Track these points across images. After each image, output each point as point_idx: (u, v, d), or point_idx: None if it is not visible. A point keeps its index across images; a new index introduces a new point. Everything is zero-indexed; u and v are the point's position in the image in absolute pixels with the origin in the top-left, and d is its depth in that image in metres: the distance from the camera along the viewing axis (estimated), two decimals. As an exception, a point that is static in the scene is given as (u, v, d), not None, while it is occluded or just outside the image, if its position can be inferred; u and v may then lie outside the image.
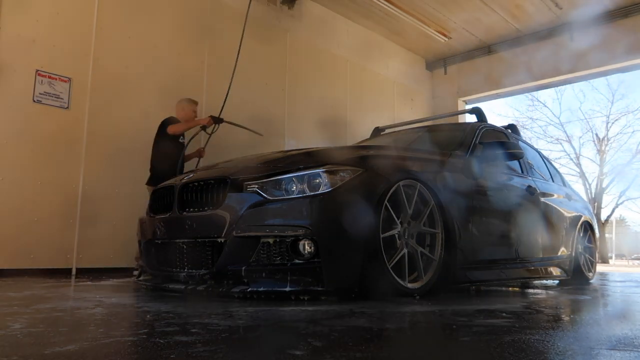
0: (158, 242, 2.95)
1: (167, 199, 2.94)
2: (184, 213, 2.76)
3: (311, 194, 2.44)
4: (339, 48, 7.58)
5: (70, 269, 4.47)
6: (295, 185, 2.48)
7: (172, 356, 1.21)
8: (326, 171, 2.50)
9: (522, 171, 4.09)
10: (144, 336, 1.52)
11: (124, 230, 4.48)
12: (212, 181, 2.70)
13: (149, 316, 1.94)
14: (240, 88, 5.97)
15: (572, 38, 7.64)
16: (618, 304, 3.15)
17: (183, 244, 2.74)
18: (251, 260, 2.43)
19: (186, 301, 2.43)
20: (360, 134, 6.10)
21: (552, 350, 1.39)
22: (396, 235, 2.65)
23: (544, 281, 4.70)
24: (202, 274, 2.59)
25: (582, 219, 4.79)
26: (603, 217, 21.77)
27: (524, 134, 18.30)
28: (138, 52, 5.15)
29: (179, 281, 2.73)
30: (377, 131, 4.90)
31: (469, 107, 7.68)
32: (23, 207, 4.26)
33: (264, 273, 2.42)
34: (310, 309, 2.13)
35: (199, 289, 2.55)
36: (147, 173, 4.51)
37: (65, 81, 4.61)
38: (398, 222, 2.67)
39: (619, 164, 21.71)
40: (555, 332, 1.71)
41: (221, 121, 4.77)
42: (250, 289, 2.40)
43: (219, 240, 2.52)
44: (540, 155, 4.88)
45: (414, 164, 2.95)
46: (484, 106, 6.79)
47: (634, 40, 7.05)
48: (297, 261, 2.39)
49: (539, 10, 7.35)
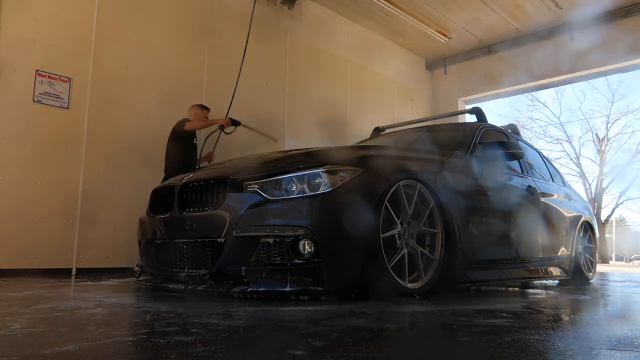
0: (158, 242, 2.95)
1: (167, 199, 2.94)
2: (184, 213, 2.76)
3: (311, 194, 2.44)
4: (339, 48, 7.58)
5: (70, 269, 4.47)
6: (295, 185, 2.48)
7: (172, 356, 1.21)
8: (326, 171, 2.50)
9: (522, 171, 4.09)
10: (144, 336, 1.52)
11: (124, 230, 4.49)
12: (212, 181, 2.70)
13: (149, 316, 1.94)
14: (241, 88, 5.97)
15: (572, 38, 7.64)
16: (618, 304, 3.15)
17: (183, 244, 2.74)
18: (251, 260, 2.44)
19: (186, 301, 2.43)
20: (360, 134, 6.10)
21: (552, 350, 1.39)
22: (396, 235, 2.65)
23: (544, 281, 4.70)
24: (202, 274, 2.59)
25: (582, 219, 4.79)
26: (603, 217, 21.78)
27: (524, 134, 18.26)
28: (138, 52, 5.15)
29: (179, 281, 2.73)
30: (377, 131, 4.90)
31: (469, 107, 7.67)
32: (23, 207, 4.26)
33: (264, 273, 2.42)
34: (310, 309, 2.13)
35: (199, 289, 2.55)
36: (148, 173, 4.52)
37: (65, 81, 4.61)
38: (398, 222, 2.67)
39: (619, 164, 21.73)
40: (555, 332, 1.71)
41: (238, 124, 4.87)
42: (250, 289, 2.40)
43: (219, 240, 2.52)
44: (540, 155, 4.87)
45: (414, 164, 2.95)
46: (484, 106, 6.79)
47: (634, 40, 7.05)
48: (297, 261, 2.39)
49: (539, 10, 7.35)
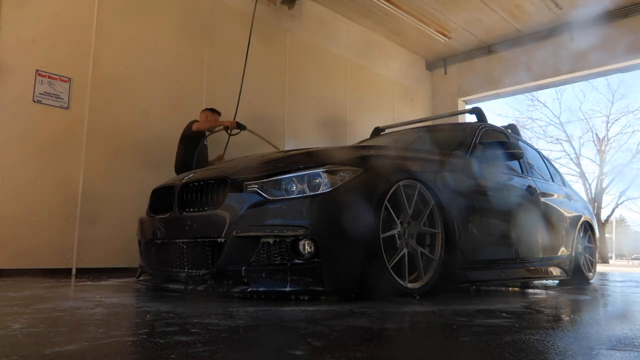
0: (158, 242, 2.95)
1: (167, 199, 2.94)
2: (184, 213, 2.76)
3: (311, 194, 2.44)
4: (339, 48, 7.58)
5: (70, 269, 4.47)
6: (295, 185, 2.48)
7: (172, 356, 1.21)
8: (326, 171, 2.50)
9: (522, 171, 4.09)
10: (144, 336, 1.52)
11: (124, 230, 4.49)
12: (212, 181, 2.70)
13: (149, 316, 1.94)
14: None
15: (572, 38, 7.64)
16: (618, 304, 3.15)
17: (183, 244, 2.74)
18: (251, 260, 2.43)
19: (186, 301, 2.42)
20: (360, 134, 6.10)
21: (552, 350, 1.39)
22: (396, 235, 2.65)
23: (544, 281, 4.69)
24: (202, 274, 2.59)
25: (582, 219, 4.79)
26: (603, 217, 21.77)
27: (524, 134, 18.27)
28: (138, 52, 5.15)
29: (179, 281, 2.73)
30: (377, 131, 4.90)
31: (469, 107, 7.67)
32: (23, 207, 4.26)
33: (264, 273, 2.42)
34: (310, 309, 2.13)
35: (199, 289, 2.55)
36: (148, 173, 4.53)
37: (65, 81, 4.61)
38: (398, 222, 2.67)
39: (619, 164, 21.73)
40: (555, 332, 1.70)
41: (244, 128, 4.99)
42: (250, 289, 2.40)
43: (219, 240, 2.52)
44: (540, 155, 4.87)
45: (414, 164, 2.95)
46: (484, 106, 6.79)
47: (634, 40, 7.05)
48: (297, 261, 2.39)
49: (539, 10, 7.34)
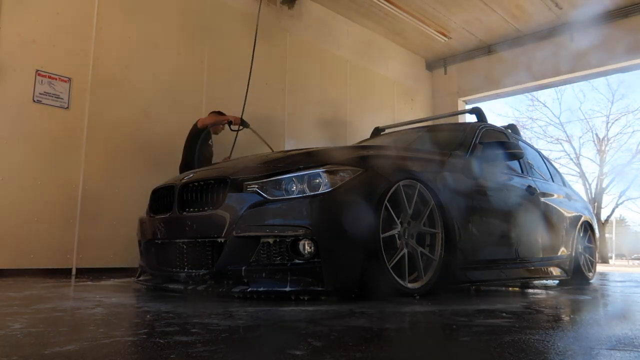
0: (158, 242, 2.95)
1: (167, 199, 2.94)
2: (184, 213, 2.76)
3: (311, 194, 2.44)
4: (339, 48, 7.58)
5: (70, 269, 4.47)
6: (295, 185, 2.48)
7: (172, 356, 1.21)
8: (326, 171, 2.50)
9: (522, 171, 4.09)
10: (144, 336, 1.52)
11: (124, 230, 4.49)
12: (212, 181, 2.70)
13: (149, 316, 1.94)
14: (240, 88, 5.96)
15: (572, 38, 7.64)
16: (618, 304, 3.15)
17: (183, 244, 2.74)
18: (251, 260, 2.43)
19: (186, 301, 2.42)
20: (360, 134, 6.10)
21: (552, 350, 1.39)
22: (396, 235, 2.65)
23: (544, 281, 4.69)
24: (202, 274, 2.59)
25: (582, 219, 4.79)
26: (603, 217, 21.78)
27: (524, 134, 18.29)
28: (138, 52, 5.15)
29: (179, 281, 2.73)
30: (377, 131, 4.90)
31: (469, 107, 7.67)
32: (23, 207, 4.26)
33: (264, 273, 2.42)
34: (310, 309, 2.13)
35: (199, 289, 2.55)
36: (148, 173, 4.53)
37: (65, 81, 4.61)
38: (398, 222, 2.67)
39: (619, 164, 21.74)
40: (555, 332, 1.70)
41: (247, 125, 5.10)
42: (250, 289, 2.40)
43: (219, 240, 2.52)
44: (540, 155, 4.88)
45: (414, 164, 2.95)
46: (484, 106, 6.79)
47: (634, 40, 7.04)
48: (297, 261, 2.39)
49: (539, 10, 7.34)
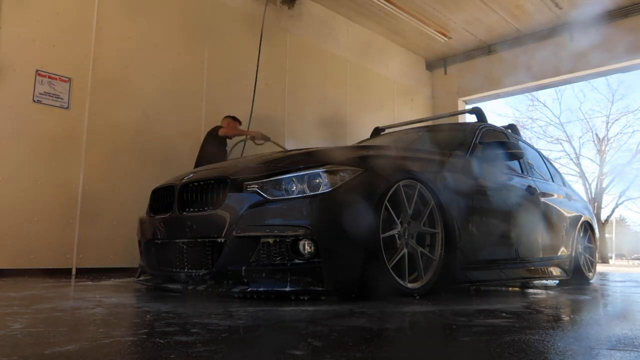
0: (158, 242, 2.95)
1: (167, 199, 2.94)
2: (184, 213, 2.76)
3: (311, 194, 2.44)
4: (339, 48, 7.58)
5: (70, 269, 4.47)
6: (295, 185, 2.48)
7: (172, 356, 1.21)
8: (326, 171, 2.50)
9: (522, 171, 4.09)
10: (144, 336, 1.52)
11: (124, 230, 4.49)
12: (212, 181, 2.70)
13: (149, 316, 1.94)
14: (241, 88, 5.98)
15: (572, 38, 7.64)
16: (618, 304, 3.15)
17: (183, 244, 2.74)
18: (251, 260, 2.43)
19: (186, 301, 2.42)
20: (360, 134, 6.10)
21: (552, 350, 1.38)
22: (396, 235, 2.65)
23: (544, 281, 4.69)
24: (202, 274, 2.59)
25: (582, 219, 4.79)
26: (603, 217, 21.79)
27: (524, 134, 18.29)
28: (138, 52, 5.15)
29: (179, 281, 2.73)
30: (377, 131, 4.90)
31: (469, 107, 7.67)
32: (23, 207, 4.26)
33: (264, 273, 2.42)
34: (310, 309, 2.13)
35: (199, 289, 2.55)
36: (148, 173, 4.55)
37: (65, 81, 4.61)
38: (398, 222, 2.67)
39: (619, 164, 21.75)
40: (555, 332, 1.70)
41: (268, 139, 5.23)
42: (250, 289, 2.40)
43: (219, 240, 2.52)
44: (540, 155, 4.87)
45: (414, 164, 2.95)
46: (484, 106, 6.80)
47: (634, 40, 7.05)
48: (297, 261, 2.39)
49: (539, 10, 7.34)
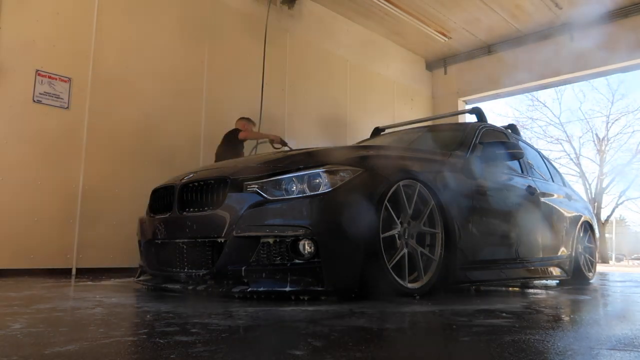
0: (158, 242, 2.95)
1: (167, 199, 2.94)
2: (184, 213, 2.76)
3: (311, 194, 2.44)
4: (339, 48, 7.58)
5: (70, 269, 4.47)
6: (295, 185, 2.48)
7: (172, 356, 1.21)
8: (326, 171, 2.50)
9: (522, 171, 4.09)
10: (144, 336, 1.52)
11: (124, 230, 4.48)
12: (212, 181, 2.70)
13: (149, 316, 1.94)
14: (241, 89, 5.98)
15: (572, 38, 7.64)
16: (618, 304, 3.15)
17: (183, 244, 2.74)
18: (251, 260, 2.43)
19: (186, 301, 2.42)
20: (360, 134, 6.10)
21: (552, 350, 1.39)
22: (396, 235, 2.65)
23: (544, 281, 4.69)
24: (202, 274, 2.59)
25: (582, 219, 4.79)
26: (603, 217, 21.81)
27: (524, 134, 18.29)
28: (138, 52, 5.15)
29: (179, 281, 2.73)
30: (377, 131, 4.90)
31: (469, 107, 7.67)
32: (23, 207, 4.26)
33: (264, 273, 2.42)
34: (310, 309, 2.13)
35: (199, 289, 2.55)
36: (148, 173, 4.55)
37: (65, 81, 4.61)
38: (398, 222, 2.67)
39: (619, 164, 21.76)
40: (555, 332, 1.70)
41: (285, 144, 5.31)
42: (250, 289, 2.40)
43: (219, 240, 2.52)
44: (540, 155, 4.87)
45: (414, 164, 2.94)
46: (484, 106, 6.79)
47: (634, 40, 7.04)
48: (297, 261, 2.39)
49: (539, 10, 7.34)
